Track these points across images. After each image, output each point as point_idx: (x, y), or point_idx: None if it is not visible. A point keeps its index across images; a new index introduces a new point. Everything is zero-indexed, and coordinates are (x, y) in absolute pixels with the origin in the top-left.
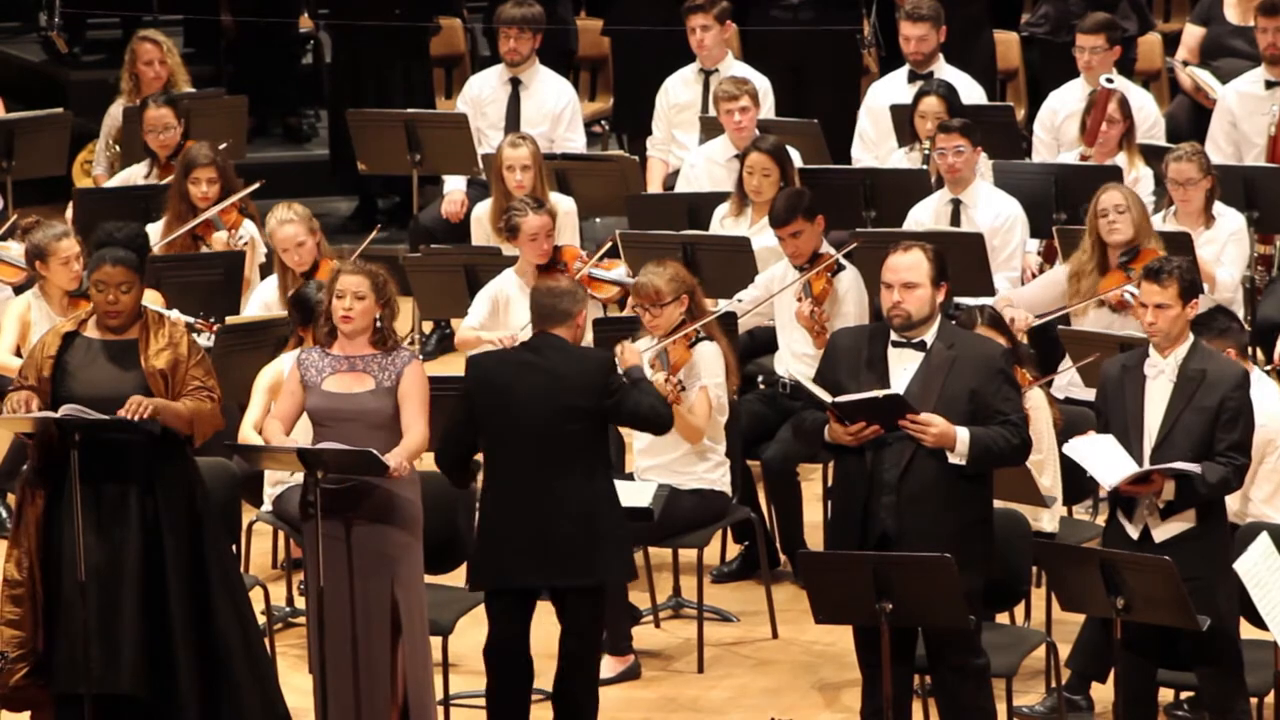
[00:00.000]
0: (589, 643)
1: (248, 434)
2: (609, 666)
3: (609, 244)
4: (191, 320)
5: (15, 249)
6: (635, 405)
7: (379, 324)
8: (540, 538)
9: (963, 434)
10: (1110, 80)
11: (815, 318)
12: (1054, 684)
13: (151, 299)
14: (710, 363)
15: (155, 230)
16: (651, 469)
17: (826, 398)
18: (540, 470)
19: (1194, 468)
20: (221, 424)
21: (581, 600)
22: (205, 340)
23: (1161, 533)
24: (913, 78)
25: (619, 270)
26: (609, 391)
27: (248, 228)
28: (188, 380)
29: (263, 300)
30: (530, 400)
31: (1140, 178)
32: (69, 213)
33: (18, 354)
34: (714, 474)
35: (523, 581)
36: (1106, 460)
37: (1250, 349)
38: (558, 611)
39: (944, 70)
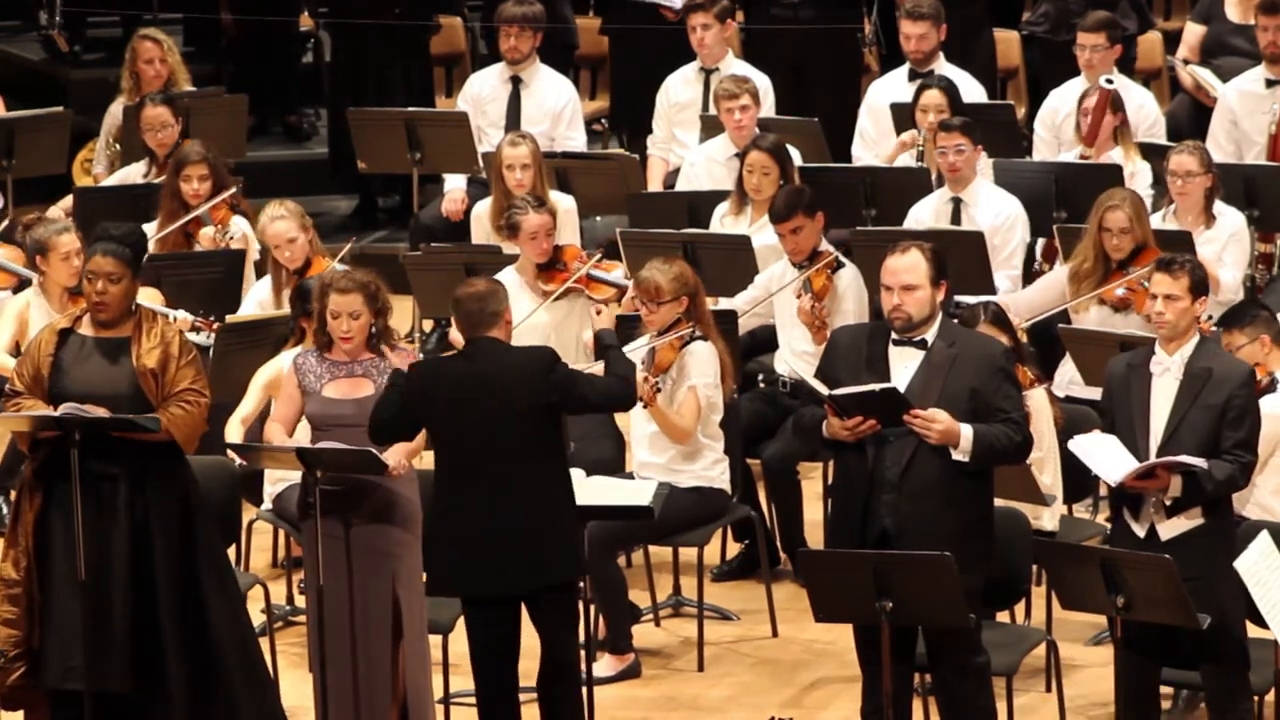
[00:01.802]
0: (566, 643)
1: (232, 428)
2: (608, 665)
3: (607, 245)
4: (194, 319)
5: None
6: (586, 392)
7: (373, 329)
8: (499, 543)
9: (966, 430)
10: (1110, 81)
11: (815, 312)
12: (1054, 683)
13: (152, 298)
14: (701, 363)
15: (151, 229)
16: (650, 466)
17: (824, 390)
18: (494, 476)
19: (1199, 461)
20: (204, 427)
21: (550, 601)
22: (205, 339)
23: (1167, 530)
24: (913, 76)
25: (618, 272)
26: (552, 386)
27: (238, 224)
28: (178, 379)
29: (257, 299)
30: (475, 410)
31: (1137, 172)
32: (54, 210)
33: (16, 351)
34: (712, 471)
35: (485, 589)
36: (1110, 457)
37: None
38: (531, 616)
39: (944, 69)
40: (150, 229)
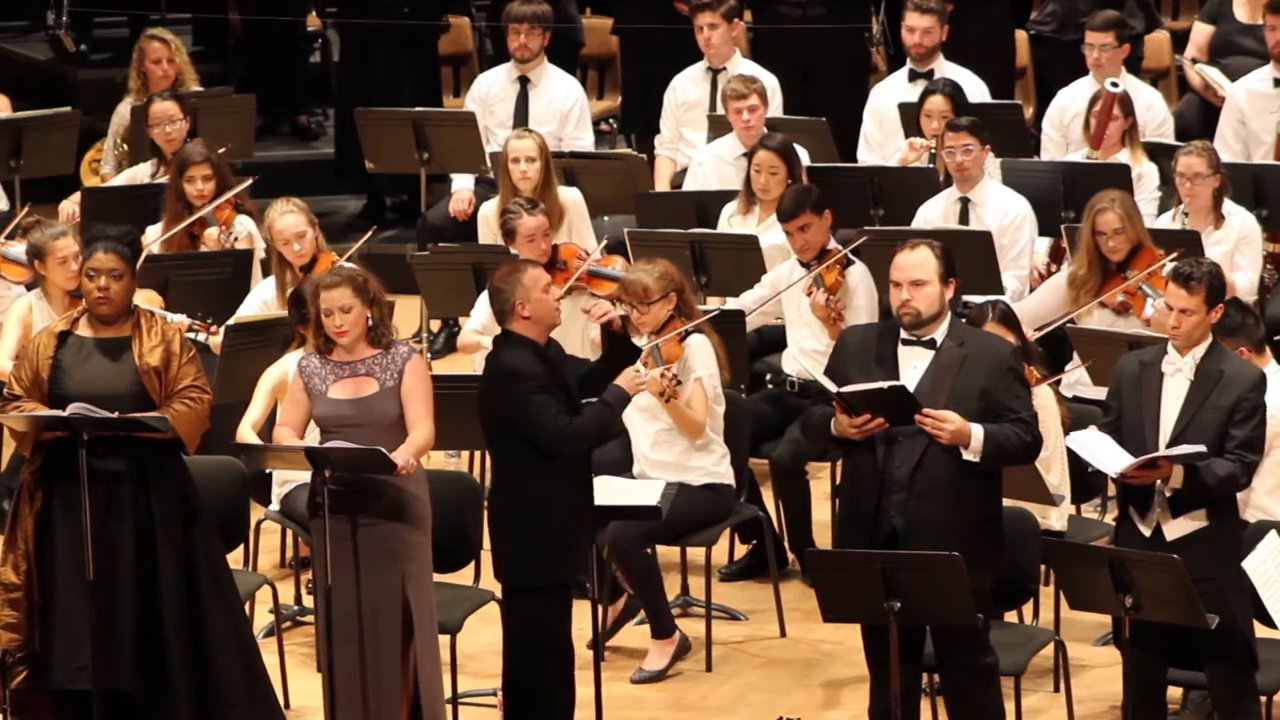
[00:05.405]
0: (510, 649)
1: (245, 434)
2: (658, 656)
3: (606, 240)
4: (190, 321)
5: (18, 249)
6: (534, 425)
7: (370, 322)
8: (491, 532)
9: (977, 430)
10: (1116, 84)
11: (831, 306)
12: (1063, 683)
13: (149, 300)
14: (702, 354)
15: (156, 231)
16: (659, 465)
17: (832, 388)
18: (494, 465)
19: (1199, 448)
20: (207, 424)
21: (504, 601)
22: (202, 339)
23: (1173, 530)
24: (913, 76)
25: (618, 265)
26: (508, 403)
27: (243, 224)
28: (180, 377)
29: (261, 298)
30: (479, 401)
31: (1144, 174)
32: (66, 204)
33: None
34: (720, 466)
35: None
36: (1107, 452)
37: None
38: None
39: (945, 68)
40: (155, 230)
